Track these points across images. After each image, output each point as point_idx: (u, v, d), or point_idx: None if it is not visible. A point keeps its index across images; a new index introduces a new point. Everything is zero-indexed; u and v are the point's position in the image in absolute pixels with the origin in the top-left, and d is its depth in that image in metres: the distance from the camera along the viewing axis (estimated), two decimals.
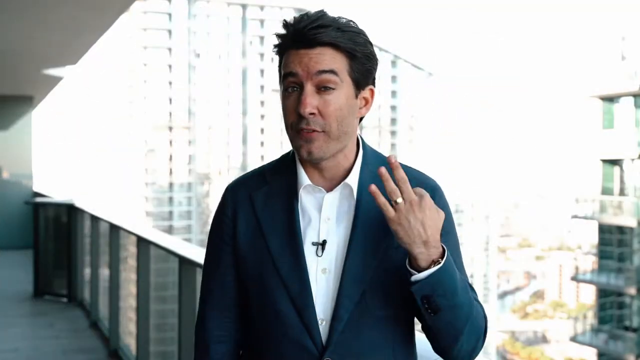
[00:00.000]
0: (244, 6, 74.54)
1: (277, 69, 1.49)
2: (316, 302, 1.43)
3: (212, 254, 1.58)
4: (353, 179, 1.46)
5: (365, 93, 1.47)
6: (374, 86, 1.49)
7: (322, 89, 1.40)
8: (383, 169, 1.33)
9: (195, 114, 72.80)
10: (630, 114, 25.66)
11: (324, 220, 1.45)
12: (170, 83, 72.06)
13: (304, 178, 1.47)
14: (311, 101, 1.39)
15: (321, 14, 1.42)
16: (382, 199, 1.33)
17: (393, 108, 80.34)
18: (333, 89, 1.40)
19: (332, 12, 1.46)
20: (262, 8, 75.46)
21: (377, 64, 1.48)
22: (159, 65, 71.82)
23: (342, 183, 1.46)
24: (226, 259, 1.54)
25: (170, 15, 71.83)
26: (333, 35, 1.39)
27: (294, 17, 1.43)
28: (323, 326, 1.42)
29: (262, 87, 76.23)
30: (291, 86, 1.41)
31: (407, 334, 1.49)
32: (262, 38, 76.04)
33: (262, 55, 75.99)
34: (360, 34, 1.44)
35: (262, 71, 76.18)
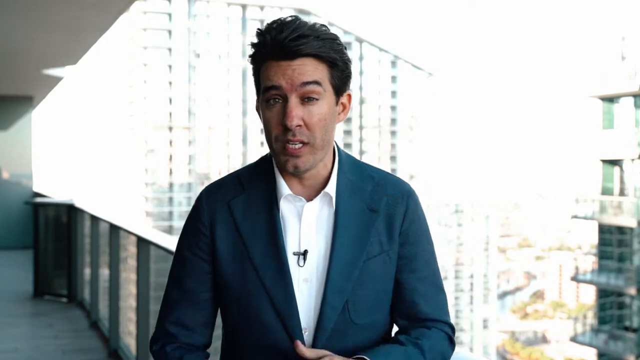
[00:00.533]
0: (244, 6, 74.55)
1: (253, 77, 1.47)
2: (300, 312, 1.43)
3: (183, 265, 1.52)
4: (331, 187, 1.46)
5: (344, 98, 1.47)
6: (350, 90, 1.49)
7: (306, 99, 1.39)
8: (298, 344, 1.36)
9: (195, 114, 72.82)
10: (630, 114, 25.65)
11: (305, 230, 1.45)
12: (170, 83, 72.06)
13: (284, 187, 1.46)
14: (297, 113, 1.38)
15: (297, 23, 1.40)
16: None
17: (393, 108, 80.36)
18: (317, 99, 1.39)
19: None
20: (262, 8, 75.47)
21: (351, 69, 1.47)
22: (159, 65, 71.83)
23: (322, 192, 1.46)
24: (200, 272, 1.50)
25: (170, 15, 71.85)
26: (315, 45, 1.38)
27: (269, 26, 1.41)
28: (306, 335, 1.43)
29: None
30: (273, 98, 1.39)
31: (383, 336, 1.51)
32: None
33: None
34: (337, 40, 1.43)
35: None
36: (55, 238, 8.54)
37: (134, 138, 71.56)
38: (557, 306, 79.40)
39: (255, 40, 1.43)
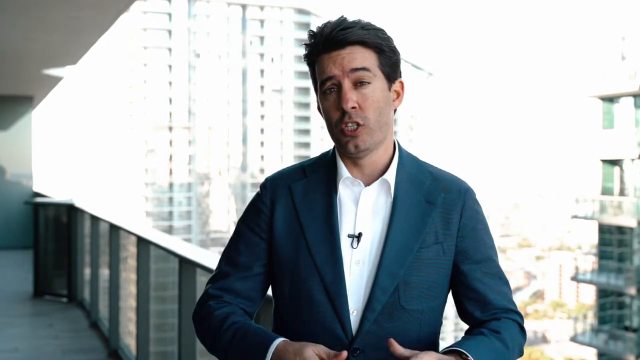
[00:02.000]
0: (244, 6, 74.54)
1: (311, 78, 1.57)
2: (349, 293, 1.48)
3: (238, 241, 1.60)
4: (391, 176, 1.54)
5: (396, 86, 1.55)
6: (402, 79, 1.57)
7: (359, 84, 1.48)
8: (392, 341, 1.39)
9: (195, 114, 72.81)
10: (630, 114, 25.65)
11: (361, 213, 1.52)
12: (170, 83, 72.05)
13: (343, 171, 1.53)
14: (351, 96, 1.47)
15: (343, 18, 1.52)
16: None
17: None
18: (369, 82, 1.48)
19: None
20: (262, 8, 75.46)
21: (400, 57, 1.57)
22: (159, 65, 71.82)
23: (380, 178, 1.53)
24: (255, 248, 1.58)
25: (170, 15, 71.84)
26: (360, 33, 1.49)
27: (318, 27, 1.52)
28: (354, 316, 1.48)
29: (262, 87, 76.25)
30: (329, 88, 1.49)
31: (433, 327, 1.55)
32: (262, 38, 76.07)
33: (262, 55, 76.01)
34: (382, 30, 1.53)
35: (262, 71, 76.20)
36: (55, 238, 8.54)
37: (134, 138, 71.55)
38: (557, 306, 79.40)
39: (307, 41, 1.54)
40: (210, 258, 3.65)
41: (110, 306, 5.99)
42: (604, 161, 26.27)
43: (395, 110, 1.58)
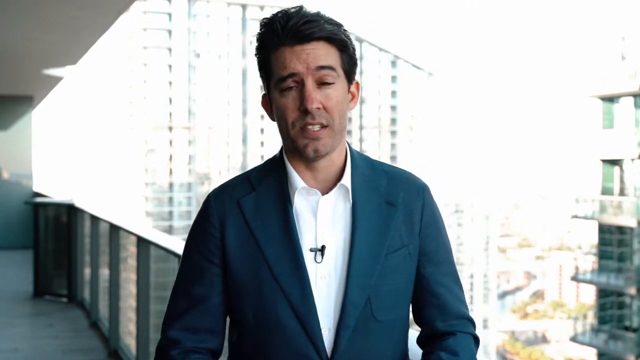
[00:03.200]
0: (244, 6, 74.54)
1: (259, 70, 1.46)
2: (318, 311, 1.38)
3: (191, 270, 1.46)
4: (347, 180, 1.42)
5: (353, 87, 1.45)
6: (357, 80, 1.48)
7: (322, 83, 1.38)
8: None
9: (195, 114, 72.80)
10: (630, 114, 25.65)
11: (321, 224, 1.40)
12: (170, 83, 72.04)
13: (297, 181, 1.41)
14: (316, 96, 1.36)
15: (304, 10, 1.38)
16: None
17: (393, 108, 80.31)
18: (332, 83, 1.38)
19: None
20: (262, 8, 75.45)
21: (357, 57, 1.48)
22: (159, 65, 71.81)
23: (338, 184, 1.42)
24: (210, 276, 1.44)
25: (170, 15, 71.82)
26: (327, 28, 1.37)
27: (274, 16, 1.39)
28: (327, 335, 1.38)
29: (262, 87, 76.16)
30: (289, 85, 1.38)
31: (403, 334, 1.49)
32: None
33: None
34: (343, 27, 1.42)
35: None
36: (55, 238, 8.54)
37: (134, 138, 71.54)
38: (557, 306, 79.38)
39: (262, 30, 1.41)
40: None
41: (110, 306, 5.99)
42: (604, 161, 26.27)
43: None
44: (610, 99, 26.12)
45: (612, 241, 25.84)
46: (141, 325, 5.01)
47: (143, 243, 5.08)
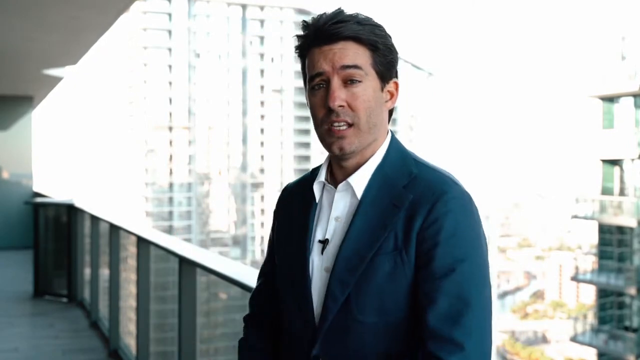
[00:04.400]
0: (244, 6, 74.54)
1: (301, 71, 1.50)
2: (317, 301, 1.43)
3: (269, 247, 1.69)
4: (356, 178, 1.44)
5: (390, 86, 1.47)
6: (398, 79, 1.49)
7: (349, 82, 1.40)
8: None
9: (195, 114, 72.81)
10: (630, 114, 25.64)
11: (332, 218, 1.45)
12: (170, 83, 72.05)
13: (321, 174, 1.50)
14: (339, 94, 1.39)
15: (339, 11, 1.43)
16: None
17: (393, 108, 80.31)
18: (359, 81, 1.40)
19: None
20: (262, 8, 75.45)
21: (397, 57, 1.49)
22: (159, 65, 71.82)
23: (344, 182, 1.44)
24: (270, 251, 1.65)
25: (170, 15, 71.85)
26: (354, 28, 1.40)
27: (312, 18, 1.44)
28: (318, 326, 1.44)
29: (262, 87, 76.23)
30: (318, 84, 1.42)
31: (392, 341, 1.37)
32: (262, 38, 76.04)
33: (262, 55, 75.98)
34: (379, 27, 1.44)
35: (262, 71, 76.18)
36: (55, 238, 8.53)
37: (134, 138, 71.55)
38: (557, 306, 79.37)
39: (300, 32, 1.46)
40: (210, 258, 3.64)
41: (110, 306, 5.99)
42: (604, 161, 26.27)
43: (391, 113, 1.49)
44: (610, 99, 26.11)
45: (612, 241, 25.83)
46: (141, 325, 5.01)
47: (143, 243, 5.08)
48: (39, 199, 9.37)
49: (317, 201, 1.49)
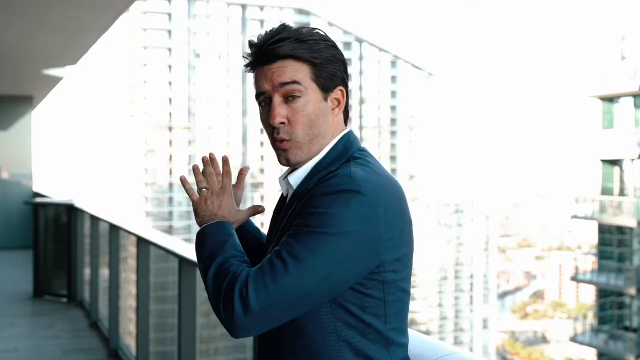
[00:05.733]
0: (244, 6, 74.52)
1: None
2: None
3: None
4: (294, 176, 1.53)
5: (336, 94, 1.53)
6: (344, 86, 1.54)
7: (290, 98, 1.48)
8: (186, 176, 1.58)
9: (195, 114, 72.79)
10: (630, 114, 25.64)
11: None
12: (170, 83, 72.03)
13: (284, 172, 1.61)
14: (280, 112, 1.48)
15: (282, 28, 1.50)
16: (188, 187, 1.63)
17: (393, 108, 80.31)
18: (299, 97, 1.48)
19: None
20: (262, 8, 75.43)
21: (343, 66, 1.53)
22: (159, 66, 71.80)
23: (285, 179, 1.56)
24: None
25: (170, 15, 71.81)
26: (291, 47, 1.47)
27: (259, 36, 1.51)
28: None
29: None
30: (263, 101, 1.52)
31: (314, 325, 1.42)
32: None
33: None
34: (321, 41, 1.50)
35: None
36: (55, 238, 8.54)
37: (134, 138, 71.53)
38: (557, 306, 79.41)
39: (247, 52, 1.54)
40: None
41: (110, 306, 5.99)
42: (604, 161, 26.27)
43: (347, 113, 1.55)
44: (610, 99, 26.11)
45: (612, 241, 25.83)
46: (141, 325, 5.01)
47: (143, 243, 5.09)
48: (39, 199, 9.37)
49: (285, 195, 1.60)
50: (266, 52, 1.48)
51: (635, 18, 28.47)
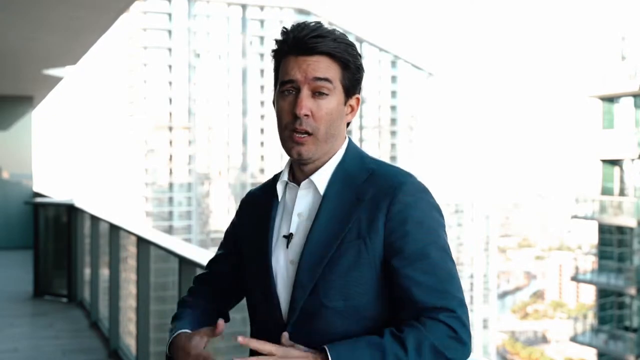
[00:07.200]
0: (244, 6, 74.52)
1: (272, 71, 1.61)
2: (283, 293, 1.53)
3: (222, 242, 1.81)
4: (318, 176, 1.55)
5: (352, 101, 1.58)
6: (360, 95, 1.61)
7: (317, 93, 1.52)
8: (240, 339, 1.41)
9: (195, 114, 72.79)
10: (630, 114, 25.64)
11: (295, 214, 1.56)
12: (170, 83, 72.03)
13: (284, 175, 1.61)
14: (307, 103, 1.50)
15: (319, 25, 1.54)
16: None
17: (393, 108, 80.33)
18: (326, 94, 1.52)
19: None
20: (262, 8, 75.43)
21: (363, 75, 1.60)
22: (159, 66, 71.80)
23: (306, 180, 1.56)
24: (227, 250, 1.76)
25: (170, 15, 71.81)
26: (331, 45, 1.51)
27: (293, 25, 1.54)
28: (285, 314, 1.53)
29: (262, 87, 76.22)
30: (288, 89, 1.53)
31: (363, 327, 1.46)
32: (262, 38, 76.03)
33: (262, 55, 75.96)
34: (353, 46, 1.56)
35: (262, 71, 76.16)
36: (55, 238, 8.54)
37: (134, 138, 71.53)
38: (557, 306, 79.39)
39: (279, 37, 1.56)
40: (210, 258, 3.64)
41: (110, 306, 5.99)
42: (604, 161, 26.27)
43: (348, 124, 1.61)
44: (610, 99, 26.11)
45: (612, 241, 25.84)
46: (141, 325, 5.01)
47: (143, 243, 5.09)
48: (39, 199, 9.37)
49: (279, 199, 1.61)
50: (306, 44, 1.50)
51: (635, 18, 28.47)
